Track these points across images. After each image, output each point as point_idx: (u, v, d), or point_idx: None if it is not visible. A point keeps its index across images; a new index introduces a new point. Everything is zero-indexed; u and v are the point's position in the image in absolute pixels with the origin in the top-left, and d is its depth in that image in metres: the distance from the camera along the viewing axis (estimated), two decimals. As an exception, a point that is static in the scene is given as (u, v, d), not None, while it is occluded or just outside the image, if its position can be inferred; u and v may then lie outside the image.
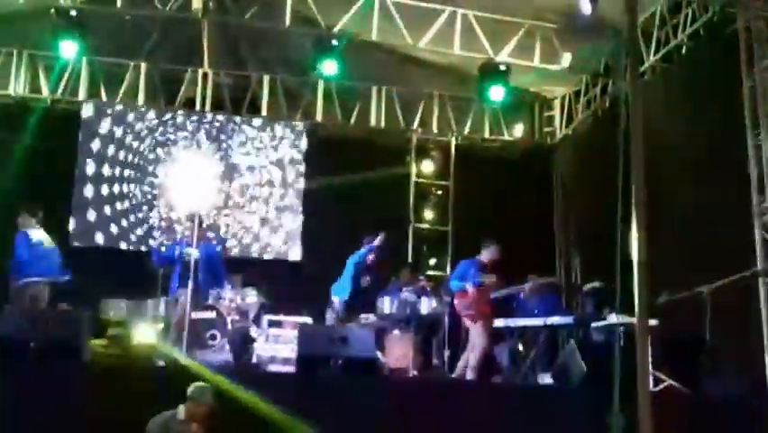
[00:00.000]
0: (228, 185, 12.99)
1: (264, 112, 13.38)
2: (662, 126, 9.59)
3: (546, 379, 9.35)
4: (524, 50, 11.85)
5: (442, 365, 10.17)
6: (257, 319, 10.22)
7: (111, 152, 12.73)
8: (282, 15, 11.23)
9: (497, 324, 10.14)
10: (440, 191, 13.92)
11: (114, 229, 12.54)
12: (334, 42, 11.37)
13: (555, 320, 10.37)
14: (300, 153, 13.29)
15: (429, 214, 13.83)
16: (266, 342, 9.88)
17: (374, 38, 11.55)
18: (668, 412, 5.73)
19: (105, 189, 12.63)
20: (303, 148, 13.32)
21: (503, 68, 11.90)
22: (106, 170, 12.67)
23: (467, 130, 14.00)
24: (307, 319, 10.15)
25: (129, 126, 12.86)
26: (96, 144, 12.72)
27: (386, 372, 9.24)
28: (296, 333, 8.97)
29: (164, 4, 11.05)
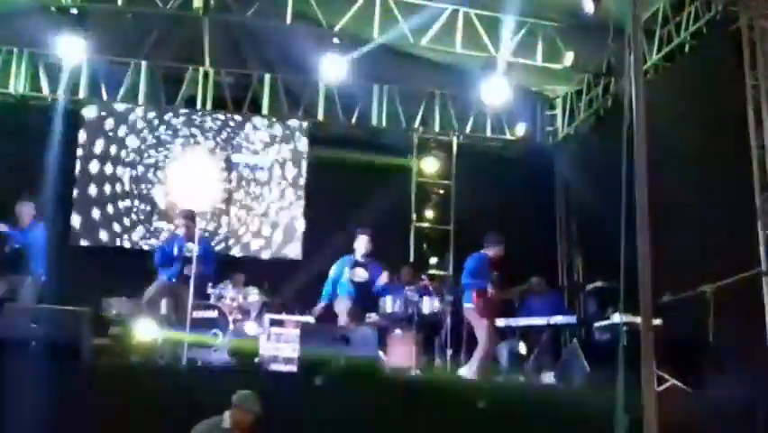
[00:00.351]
0: (229, 184, 12.95)
1: (265, 111, 13.34)
2: (664, 125, 9.54)
3: (549, 379, 9.34)
4: (526, 48, 11.82)
5: (444, 364, 10.13)
6: (259, 318, 10.20)
7: (113, 151, 12.69)
8: (283, 13, 11.20)
9: (499, 323, 10.13)
10: (442, 190, 13.86)
11: (116, 228, 12.50)
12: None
13: (558, 320, 10.36)
14: (301, 152, 13.25)
15: (431, 213, 13.78)
16: (268, 341, 9.86)
17: (375, 36, 11.51)
18: (671, 412, 5.70)
19: (107, 188, 12.59)
20: (304, 147, 13.28)
21: (505, 66, 11.87)
22: (108, 169, 12.63)
23: (468, 129, 13.97)
24: (310, 319, 10.12)
25: (130, 125, 12.82)
26: (98, 143, 12.68)
27: (388, 371, 9.21)
28: (298, 332, 8.95)
29: (165, 2, 11.01)
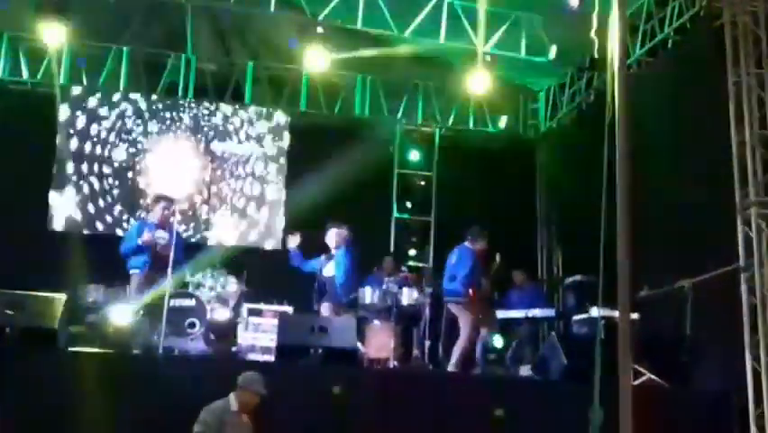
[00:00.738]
0: (209, 173, 12.86)
1: (247, 100, 13.29)
2: (646, 120, 9.58)
3: (527, 371, 9.36)
4: (510, 41, 11.79)
5: (422, 356, 10.14)
6: (237, 308, 10.16)
7: (90, 137, 12.58)
8: (267, 1, 11.13)
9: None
10: (423, 182, 13.87)
11: (95, 214, 12.39)
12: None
13: (537, 313, 10.39)
14: (283, 142, 13.19)
15: (412, 204, 13.77)
16: (246, 330, 9.83)
17: (359, 26, 11.45)
18: (647, 406, 5.72)
19: (85, 175, 12.47)
20: (286, 136, 13.22)
21: (488, 59, 11.85)
22: (86, 156, 12.52)
23: (451, 121, 13.97)
24: (288, 309, 10.10)
25: (110, 112, 12.71)
26: (77, 128, 12.57)
27: (366, 362, 9.21)
28: (276, 322, 8.93)
29: (148, -12, 10.96)
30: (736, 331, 8.05)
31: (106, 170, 12.57)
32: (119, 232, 12.08)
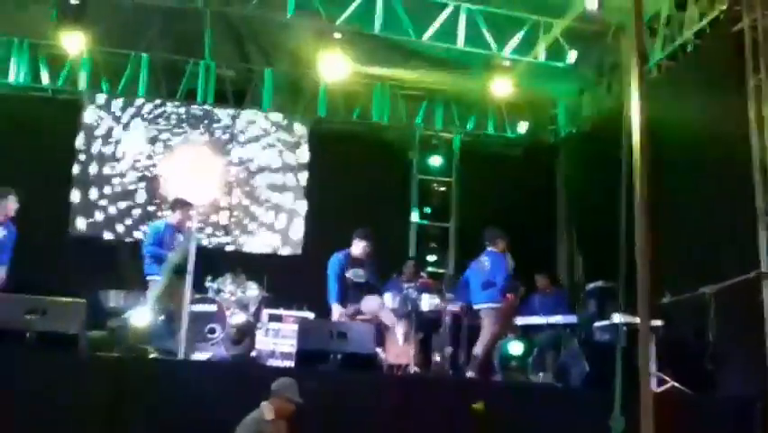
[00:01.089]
0: (229, 178, 12.89)
1: (266, 106, 13.30)
2: (666, 125, 9.51)
3: (548, 378, 9.30)
4: (529, 46, 11.75)
5: (442, 362, 10.09)
6: (257, 313, 10.16)
7: (111, 143, 12.64)
8: (285, 7, 11.14)
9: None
10: (443, 188, 13.85)
11: (114, 219, 12.44)
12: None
13: (558, 319, 10.32)
14: (302, 148, 13.20)
15: (431, 210, 13.74)
16: (266, 336, 9.83)
17: (377, 32, 11.44)
18: (670, 414, 5.67)
19: (106, 180, 12.53)
20: (305, 142, 13.23)
21: (507, 64, 11.81)
22: (107, 161, 12.58)
23: (470, 126, 13.93)
24: (309, 314, 10.08)
25: (130, 118, 12.77)
26: (97, 135, 12.63)
27: (385, 368, 9.17)
28: (296, 327, 8.91)
29: (166, -6, 10.99)
30: (759, 337, 7.96)
31: (127, 176, 12.61)
32: (138, 235, 12.13)
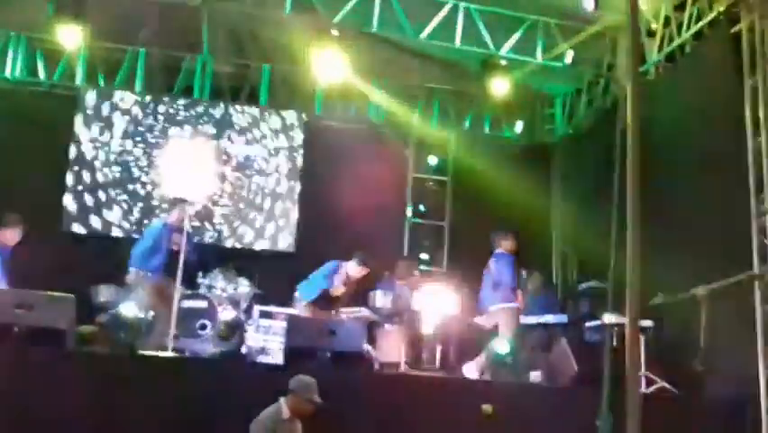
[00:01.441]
0: (224, 174, 12.88)
1: (263, 102, 13.28)
2: (663, 125, 9.50)
3: (537, 378, 9.30)
4: (526, 45, 11.73)
5: (432, 361, 10.09)
6: (248, 310, 10.15)
7: (106, 138, 12.62)
8: (282, 4, 11.12)
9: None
10: (438, 186, 13.84)
11: (108, 214, 12.41)
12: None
13: (549, 319, 10.33)
14: (297, 144, 13.17)
15: (426, 208, 13.73)
16: (256, 332, 9.81)
17: (374, 30, 11.41)
18: (659, 414, 5.66)
19: (101, 174, 12.50)
20: (300, 139, 13.20)
21: (504, 63, 11.79)
22: (102, 155, 12.55)
23: (467, 125, 13.91)
24: (297, 311, 10.06)
25: (126, 112, 12.74)
26: (93, 129, 12.60)
27: (377, 366, 9.16)
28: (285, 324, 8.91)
29: (164, -10, 10.96)
30: (750, 338, 7.96)
31: (122, 170, 12.59)
32: (127, 227, 12.14)
